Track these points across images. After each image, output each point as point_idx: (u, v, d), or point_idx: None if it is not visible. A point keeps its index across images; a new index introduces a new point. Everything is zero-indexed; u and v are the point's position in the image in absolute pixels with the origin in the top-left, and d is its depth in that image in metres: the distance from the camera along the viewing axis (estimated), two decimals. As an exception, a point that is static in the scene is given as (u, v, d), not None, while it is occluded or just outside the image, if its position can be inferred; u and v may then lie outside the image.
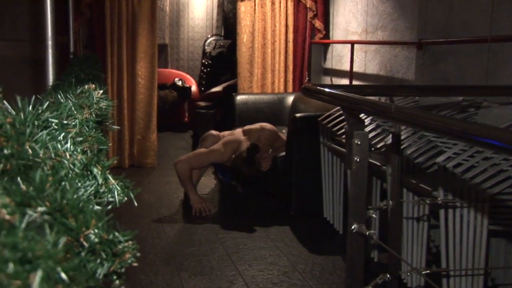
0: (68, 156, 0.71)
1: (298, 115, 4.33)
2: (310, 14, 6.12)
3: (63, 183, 0.63)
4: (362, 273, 1.96)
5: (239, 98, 5.83)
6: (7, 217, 0.45)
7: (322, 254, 3.62)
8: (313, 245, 3.78)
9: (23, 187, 0.59)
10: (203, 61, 9.43)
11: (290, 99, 5.84)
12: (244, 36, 6.07)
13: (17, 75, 5.49)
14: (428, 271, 2.45)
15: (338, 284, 3.17)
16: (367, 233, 1.91)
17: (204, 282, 3.18)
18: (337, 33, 6.06)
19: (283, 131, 5.48)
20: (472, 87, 2.88)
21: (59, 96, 1.20)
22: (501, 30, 3.46)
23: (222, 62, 8.71)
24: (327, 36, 6.23)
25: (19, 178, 0.65)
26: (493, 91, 2.74)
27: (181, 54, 10.52)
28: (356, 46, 5.44)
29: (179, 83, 8.61)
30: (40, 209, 0.55)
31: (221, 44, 9.11)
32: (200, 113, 7.06)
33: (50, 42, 2.46)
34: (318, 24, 6.14)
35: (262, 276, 3.27)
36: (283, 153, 4.56)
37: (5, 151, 0.63)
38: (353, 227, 1.98)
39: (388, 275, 2.10)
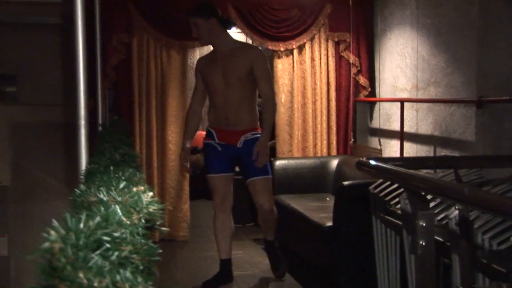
0: (127, 288, 0.70)
1: (345, 183, 4.29)
2: (353, 70, 6.16)
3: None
4: None
5: (278, 163, 5.81)
6: None
7: None
8: (369, 332, 3.67)
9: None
10: (236, 120, 9.48)
11: (334, 162, 5.81)
12: (282, 96, 6.10)
13: (45, 142, 5.63)
14: None
15: None
16: (439, 329, 1.84)
17: None
18: (384, 89, 6.06)
19: (327, 198, 5.43)
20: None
21: (101, 194, 1.20)
22: None
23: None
24: (372, 93, 6.24)
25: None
26: None
27: (212, 114, 10.62)
28: (406, 104, 5.41)
29: (211, 145, 8.65)
30: None
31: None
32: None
33: (82, 114, 2.44)
34: (362, 80, 6.17)
35: None
36: (330, 224, 4.48)
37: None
38: (421, 321, 1.91)
39: None
